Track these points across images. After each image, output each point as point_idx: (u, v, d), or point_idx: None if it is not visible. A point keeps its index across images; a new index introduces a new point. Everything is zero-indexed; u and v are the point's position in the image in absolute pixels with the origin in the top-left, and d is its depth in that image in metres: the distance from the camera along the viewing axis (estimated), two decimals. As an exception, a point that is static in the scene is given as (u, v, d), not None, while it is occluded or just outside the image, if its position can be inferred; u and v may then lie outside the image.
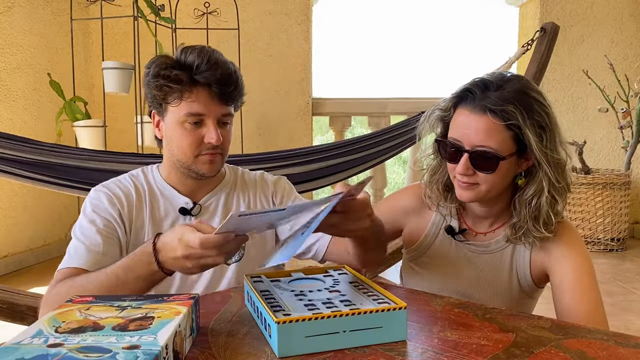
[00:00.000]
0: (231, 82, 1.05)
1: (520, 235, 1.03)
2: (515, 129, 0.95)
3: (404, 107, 3.93)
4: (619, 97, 3.81)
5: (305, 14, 4.07)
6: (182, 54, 1.04)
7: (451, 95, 1.04)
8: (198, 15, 3.54)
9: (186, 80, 1.02)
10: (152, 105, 1.11)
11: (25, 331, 0.61)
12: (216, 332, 0.75)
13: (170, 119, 1.07)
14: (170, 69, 1.02)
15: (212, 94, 1.03)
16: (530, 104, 0.96)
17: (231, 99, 1.07)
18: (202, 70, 1.02)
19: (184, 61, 1.03)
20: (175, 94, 1.04)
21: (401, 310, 0.70)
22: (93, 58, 4.06)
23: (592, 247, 3.67)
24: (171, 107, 1.06)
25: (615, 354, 0.66)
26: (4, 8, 3.25)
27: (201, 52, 1.03)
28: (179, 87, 1.03)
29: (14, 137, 1.99)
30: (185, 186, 1.14)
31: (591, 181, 3.61)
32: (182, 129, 1.05)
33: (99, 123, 3.05)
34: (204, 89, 1.03)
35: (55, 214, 3.68)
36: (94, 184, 1.15)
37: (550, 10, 4.07)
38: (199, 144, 1.06)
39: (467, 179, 0.99)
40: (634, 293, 2.79)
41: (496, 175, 0.98)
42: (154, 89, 1.06)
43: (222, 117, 1.07)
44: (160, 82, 1.03)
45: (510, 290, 1.09)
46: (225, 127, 1.09)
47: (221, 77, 1.03)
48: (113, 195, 1.10)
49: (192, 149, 1.06)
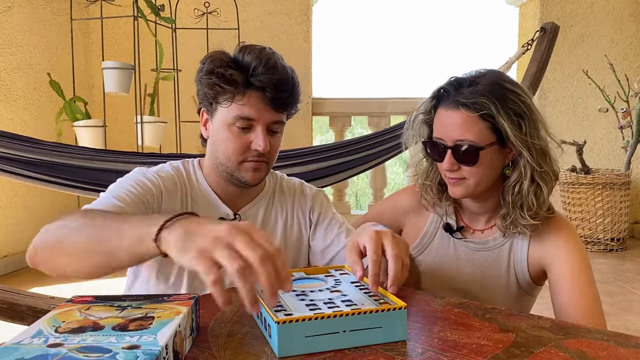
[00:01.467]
0: (287, 88, 1.00)
1: (509, 225, 1.04)
2: (489, 119, 0.98)
3: (404, 107, 3.93)
4: (619, 97, 3.81)
5: (305, 14, 4.08)
6: (240, 53, 0.99)
7: (429, 97, 1.07)
8: (198, 15, 3.54)
9: (240, 81, 0.97)
10: (201, 103, 1.05)
11: (25, 331, 0.61)
12: (216, 332, 0.74)
13: (218, 120, 1.02)
14: (226, 68, 0.97)
15: (266, 98, 0.98)
16: (503, 94, 0.98)
17: (285, 106, 1.02)
18: (258, 72, 0.97)
19: (240, 61, 0.98)
20: (227, 95, 0.98)
21: (401, 310, 0.70)
22: (93, 58, 4.06)
23: (592, 247, 3.67)
24: (221, 108, 1.01)
25: (615, 354, 0.66)
26: (3, 8, 3.25)
27: (260, 54, 0.98)
28: (232, 89, 0.97)
29: (15, 136, 1.99)
30: (226, 193, 1.09)
31: (591, 181, 3.61)
32: (229, 132, 1.00)
33: (99, 123, 3.05)
34: (257, 92, 0.98)
35: (55, 214, 3.63)
36: (94, 183, 1.14)
37: (550, 10, 4.07)
38: (245, 149, 1.00)
39: (454, 175, 1.02)
40: (634, 293, 2.79)
41: (480, 167, 1.00)
42: (205, 87, 1.00)
43: (272, 125, 1.01)
44: (213, 80, 0.98)
45: (508, 287, 1.09)
46: (275, 135, 1.03)
47: (277, 82, 0.98)
48: (161, 181, 1.04)
49: (237, 154, 1.01)
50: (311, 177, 2.31)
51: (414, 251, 1.17)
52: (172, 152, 3.63)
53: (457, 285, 1.11)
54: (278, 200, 1.15)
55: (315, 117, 4.20)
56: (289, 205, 1.15)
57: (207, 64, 1.01)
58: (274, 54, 1.01)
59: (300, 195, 1.17)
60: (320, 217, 1.15)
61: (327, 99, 4.22)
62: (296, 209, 1.15)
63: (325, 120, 4.49)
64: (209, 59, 1.02)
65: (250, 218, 1.10)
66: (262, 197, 1.13)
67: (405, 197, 1.22)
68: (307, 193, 1.18)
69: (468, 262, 1.11)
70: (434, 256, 1.15)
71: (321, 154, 2.37)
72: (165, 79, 3.31)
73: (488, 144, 0.99)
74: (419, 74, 9.73)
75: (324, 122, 5.23)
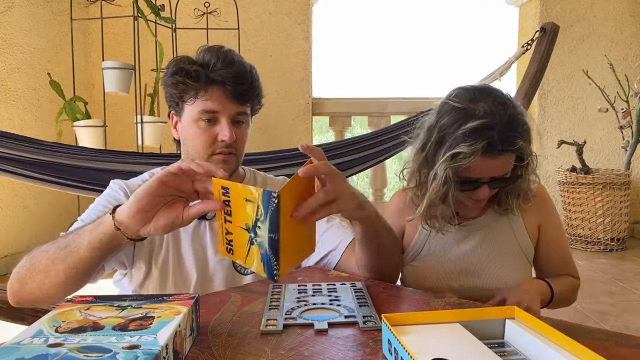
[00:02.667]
0: (246, 80, 1.06)
1: (504, 210, 1.17)
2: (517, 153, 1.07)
3: (404, 107, 3.93)
4: (619, 97, 3.81)
5: (305, 14, 4.07)
6: (201, 53, 1.06)
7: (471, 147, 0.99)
8: (198, 15, 3.54)
9: (202, 78, 1.03)
10: (170, 105, 1.12)
11: (25, 331, 0.61)
12: (216, 332, 0.75)
13: (186, 118, 1.08)
14: (188, 66, 1.04)
15: (227, 92, 1.04)
16: (525, 128, 1.06)
17: (246, 98, 1.08)
18: (217, 68, 1.03)
19: (201, 60, 1.05)
20: (191, 92, 1.05)
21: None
22: (93, 58, 4.06)
23: (592, 247, 3.67)
24: (187, 106, 1.07)
25: (615, 354, 0.66)
26: (4, 8, 3.25)
27: (217, 52, 1.05)
28: (195, 85, 1.04)
29: (15, 137, 1.99)
30: None
31: (591, 181, 3.60)
32: (196, 127, 1.06)
33: (99, 123, 3.05)
34: (219, 87, 1.04)
35: (55, 214, 3.68)
36: (94, 183, 1.15)
37: (550, 10, 4.07)
38: (213, 142, 1.05)
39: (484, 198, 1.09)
40: (634, 293, 2.79)
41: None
42: (171, 87, 1.07)
43: (236, 116, 1.07)
44: (177, 78, 1.05)
45: (512, 253, 1.17)
46: (240, 126, 1.09)
47: (236, 75, 1.04)
48: (129, 189, 1.09)
49: (205, 147, 1.06)
50: (311, 177, 2.31)
51: (415, 248, 1.20)
52: (172, 152, 3.63)
53: (464, 265, 1.16)
54: None
55: (315, 117, 4.20)
56: None
57: (171, 67, 1.07)
58: (231, 51, 1.08)
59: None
60: None
61: (327, 99, 4.22)
62: None
63: (325, 120, 4.48)
64: (172, 62, 1.08)
65: None
66: None
67: (397, 200, 1.26)
68: None
69: (470, 239, 1.17)
70: (437, 245, 1.18)
71: (321, 153, 2.37)
72: (165, 79, 3.31)
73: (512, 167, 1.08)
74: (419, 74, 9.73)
75: (324, 122, 5.23)
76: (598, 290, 2.80)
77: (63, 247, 0.84)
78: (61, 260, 0.83)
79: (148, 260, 1.08)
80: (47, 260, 0.84)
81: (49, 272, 0.84)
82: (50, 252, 0.85)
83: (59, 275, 0.84)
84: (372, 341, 0.71)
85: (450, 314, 0.70)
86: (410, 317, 0.70)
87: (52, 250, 0.85)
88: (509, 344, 0.69)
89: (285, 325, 0.76)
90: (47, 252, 0.85)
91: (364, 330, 0.75)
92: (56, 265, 0.83)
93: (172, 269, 1.09)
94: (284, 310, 0.82)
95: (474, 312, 0.72)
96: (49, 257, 0.84)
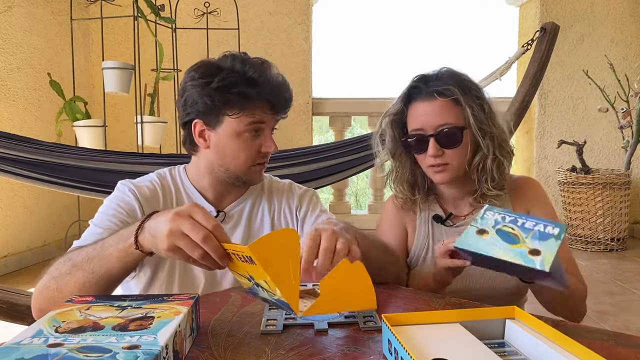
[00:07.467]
0: (288, 94, 1.09)
1: (478, 198, 1.15)
2: (459, 105, 1.08)
3: (404, 107, 3.93)
4: (619, 97, 3.81)
5: (305, 14, 4.08)
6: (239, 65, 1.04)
7: (398, 97, 1.16)
8: (198, 15, 3.54)
9: (251, 95, 1.03)
10: (197, 115, 1.06)
11: (25, 331, 0.61)
12: (216, 332, 0.75)
13: (226, 130, 1.05)
14: (234, 84, 1.02)
15: (271, 105, 1.06)
16: (465, 84, 1.10)
17: (286, 110, 1.11)
18: (264, 84, 1.04)
19: (245, 74, 1.03)
20: (237, 106, 1.03)
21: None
22: (93, 58, 4.06)
23: (592, 247, 3.67)
24: (229, 119, 1.04)
25: (615, 354, 0.66)
26: (4, 8, 3.25)
27: (261, 67, 1.05)
28: (244, 103, 1.03)
29: (15, 137, 1.99)
30: (214, 192, 1.13)
31: (591, 181, 3.60)
32: (240, 139, 1.06)
33: (99, 123, 3.05)
34: (263, 102, 1.05)
35: (55, 214, 3.68)
36: (94, 183, 1.15)
37: (550, 10, 4.07)
38: (257, 154, 1.08)
39: (439, 161, 1.09)
40: (634, 293, 2.79)
41: (462, 148, 1.10)
42: (208, 100, 1.03)
43: (274, 127, 1.11)
44: (224, 95, 1.02)
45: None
46: (273, 134, 1.12)
47: (279, 90, 1.07)
48: (138, 191, 1.09)
49: (250, 159, 1.07)
50: (311, 177, 2.31)
51: (417, 252, 1.21)
52: (172, 152, 3.64)
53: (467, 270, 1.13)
54: (266, 199, 1.19)
55: (315, 117, 4.20)
56: (276, 204, 1.19)
57: (205, 76, 1.03)
58: (271, 65, 1.09)
59: (289, 193, 1.22)
60: (307, 214, 1.18)
61: (327, 99, 4.22)
62: (284, 207, 1.19)
63: (325, 120, 4.49)
64: (204, 71, 1.04)
65: (236, 214, 1.15)
66: (248, 195, 1.18)
67: (390, 206, 1.27)
68: (296, 191, 1.22)
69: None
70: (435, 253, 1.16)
71: (321, 153, 2.37)
72: (165, 79, 3.32)
73: (464, 125, 1.09)
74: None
75: (324, 122, 5.23)
76: (598, 290, 2.80)
77: (91, 272, 0.84)
78: (93, 284, 0.84)
79: (155, 264, 1.08)
80: (75, 285, 0.85)
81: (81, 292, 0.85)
82: (77, 276, 0.84)
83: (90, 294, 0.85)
84: (372, 341, 0.71)
85: (450, 314, 0.70)
86: (410, 317, 0.70)
87: (80, 274, 0.84)
88: (509, 344, 0.69)
89: (285, 325, 0.77)
90: (74, 276, 0.85)
91: (364, 330, 0.75)
92: (87, 289, 0.84)
93: (178, 273, 1.09)
94: (284, 310, 0.82)
95: (474, 312, 0.71)
96: (76, 282, 0.84)
